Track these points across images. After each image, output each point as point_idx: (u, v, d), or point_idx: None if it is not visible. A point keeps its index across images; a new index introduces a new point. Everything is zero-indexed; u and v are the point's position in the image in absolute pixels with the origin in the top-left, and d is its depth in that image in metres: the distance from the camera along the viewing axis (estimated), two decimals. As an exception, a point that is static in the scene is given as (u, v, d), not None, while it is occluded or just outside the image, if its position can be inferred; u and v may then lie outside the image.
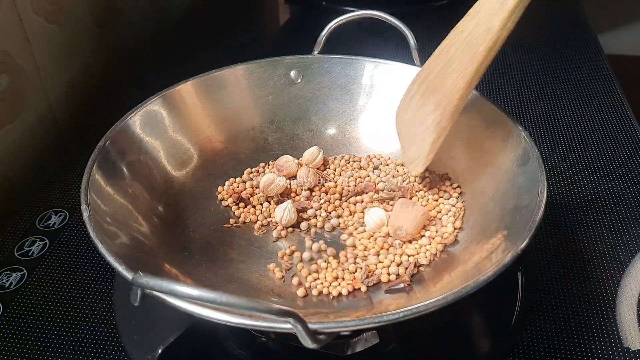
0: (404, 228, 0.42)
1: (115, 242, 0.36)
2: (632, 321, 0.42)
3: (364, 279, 0.40)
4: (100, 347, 0.41)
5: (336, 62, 0.51)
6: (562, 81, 0.70)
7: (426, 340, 0.41)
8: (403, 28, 0.48)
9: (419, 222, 0.42)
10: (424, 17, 0.86)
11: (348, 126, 0.52)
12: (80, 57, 0.67)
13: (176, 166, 0.47)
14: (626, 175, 0.55)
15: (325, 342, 0.28)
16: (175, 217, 0.44)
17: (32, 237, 0.50)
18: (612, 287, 0.45)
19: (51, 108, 0.62)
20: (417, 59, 0.49)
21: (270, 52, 0.54)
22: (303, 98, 0.52)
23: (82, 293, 0.45)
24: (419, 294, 0.38)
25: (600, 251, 0.48)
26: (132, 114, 0.44)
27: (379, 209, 0.44)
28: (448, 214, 0.44)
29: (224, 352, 0.40)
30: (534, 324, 0.42)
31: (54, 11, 0.62)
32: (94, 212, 0.36)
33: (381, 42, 0.75)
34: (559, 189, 0.54)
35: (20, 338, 0.42)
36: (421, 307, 0.30)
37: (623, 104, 0.65)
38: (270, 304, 0.26)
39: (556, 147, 0.59)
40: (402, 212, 0.42)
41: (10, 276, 0.47)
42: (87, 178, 0.38)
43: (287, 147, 0.51)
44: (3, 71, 0.54)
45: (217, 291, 0.25)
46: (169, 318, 0.41)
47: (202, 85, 0.49)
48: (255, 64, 0.51)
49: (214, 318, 0.28)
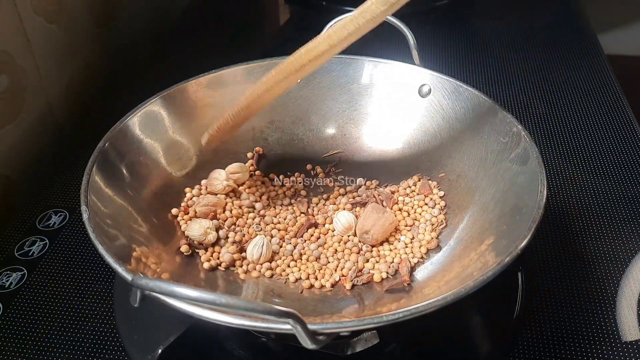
0: (371, 233, 0.42)
1: (115, 244, 0.36)
2: (632, 321, 0.42)
3: (354, 277, 0.40)
4: (100, 347, 0.41)
5: (336, 61, 0.51)
6: (562, 81, 0.70)
7: (426, 340, 0.41)
8: (403, 28, 0.48)
9: (387, 229, 0.43)
10: (424, 17, 0.86)
11: (348, 126, 0.52)
12: (80, 57, 0.67)
13: (176, 167, 0.47)
14: (626, 175, 0.55)
15: (324, 343, 0.28)
16: (175, 218, 0.44)
17: (32, 237, 0.50)
18: (612, 287, 0.45)
19: (51, 108, 0.62)
20: (417, 58, 0.49)
21: (270, 52, 0.54)
22: (303, 98, 0.52)
23: (82, 293, 0.45)
24: (418, 294, 0.38)
25: (600, 251, 0.48)
26: (132, 114, 0.44)
27: (347, 212, 0.45)
28: (426, 223, 0.44)
29: (224, 353, 0.40)
30: (534, 324, 0.42)
31: (54, 11, 0.62)
32: (93, 214, 0.36)
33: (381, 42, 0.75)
34: (559, 189, 0.54)
35: (20, 338, 0.42)
36: (421, 307, 0.30)
37: (623, 104, 0.65)
38: (269, 305, 0.26)
39: (556, 147, 0.59)
40: (371, 217, 0.43)
41: (10, 276, 0.47)
42: (86, 179, 0.38)
43: (287, 147, 0.51)
44: (3, 71, 0.54)
45: (216, 292, 0.25)
46: (169, 318, 0.41)
47: (202, 85, 0.49)
48: (255, 64, 0.51)
49: (214, 319, 0.28)
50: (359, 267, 0.41)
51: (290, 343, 0.38)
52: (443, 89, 0.48)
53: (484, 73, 0.71)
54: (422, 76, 0.49)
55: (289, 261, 0.42)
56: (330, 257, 0.42)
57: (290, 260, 0.42)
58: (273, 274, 0.41)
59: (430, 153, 0.48)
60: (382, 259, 0.42)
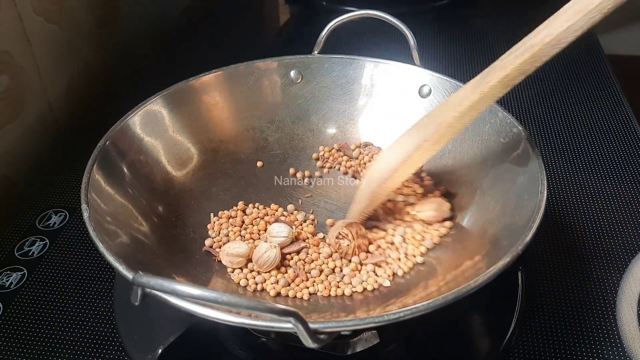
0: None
1: (116, 242, 0.35)
2: (632, 321, 0.42)
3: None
4: (100, 347, 0.41)
5: (336, 62, 0.51)
6: (562, 81, 0.70)
7: (426, 340, 0.41)
8: (403, 28, 0.48)
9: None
10: (424, 17, 0.86)
11: (348, 126, 0.52)
12: (80, 57, 0.67)
13: (176, 166, 0.47)
14: (626, 175, 0.55)
15: (325, 342, 0.28)
16: (175, 217, 0.44)
17: (32, 237, 0.50)
18: (612, 287, 0.45)
19: (51, 108, 0.62)
20: (417, 58, 0.49)
21: (270, 52, 0.54)
22: (303, 98, 0.52)
23: (82, 293, 0.45)
24: (419, 294, 0.38)
25: (600, 251, 0.48)
26: (132, 114, 0.44)
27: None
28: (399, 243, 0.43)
29: (224, 352, 0.40)
30: (534, 324, 0.42)
31: (54, 11, 0.62)
32: (94, 212, 0.36)
33: (381, 42, 0.75)
34: (559, 189, 0.54)
35: (21, 338, 0.42)
36: (421, 307, 0.30)
37: (623, 104, 0.65)
38: (271, 304, 0.26)
39: (556, 147, 0.59)
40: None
41: (10, 276, 0.46)
42: (87, 178, 0.38)
43: (287, 147, 0.51)
44: (3, 71, 0.54)
45: (218, 290, 0.25)
46: (169, 318, 0.41)
47: (202, 85, 0.49)
48: (255, 64, 0.51)
49: (215, 318, 0.28)
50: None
51: (291, 343, 0.38)
52: (443, 89, 0.48)
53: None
54: (423, 77, 0.49)
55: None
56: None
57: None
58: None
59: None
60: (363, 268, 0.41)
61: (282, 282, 0.40)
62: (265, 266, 0.40)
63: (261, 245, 0.41)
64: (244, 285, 0.40)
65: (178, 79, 0.48)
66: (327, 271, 0.41)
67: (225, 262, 0.41)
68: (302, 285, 0.40)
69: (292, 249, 0.42)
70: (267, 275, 0.41)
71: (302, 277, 0.41)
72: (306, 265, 0.42)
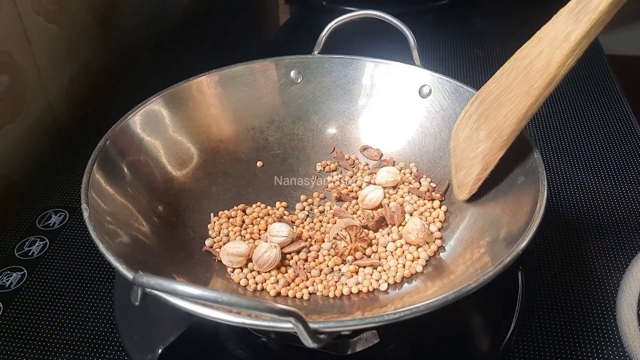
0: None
1: (116, 242, 0.36)
2: (632, 321, 0.42)
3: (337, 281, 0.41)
4: (100, 347, 0.41)
5: (336, 62, 0.51)
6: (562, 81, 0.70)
7: (426, 340, 0.41)
8: (403, 28, 0.48)
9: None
10: (424, 17, 0.86)
11: (348, 126, 0.52)
12: (80, 57, 0.67)
13: (176, 166, 0.47)
14: (626, 175, 0.55)
15: (325, 342, 0.28)
16: (175, 217, 0.44)
17: (32, 237, 0.50)
18: (612, 287, 0.45)
19: (51, 108, 0.62)
20: (417, 58, 0.49)
21: (270, 52, 0.54)
22: (303, 98, 0.52)
23: (82, 293, 0.45)
24: (419, 294, 0.38)
25: (600, 251, 0.48)
26: (133, 113, 0.44)
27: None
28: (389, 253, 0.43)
29: (224, 352, 0.40)
30: (534, 324, 0.42)
31: (54, 11, 0.62)
32: (94, 212, 0.36)
33: (381, 42, 0.75)
34: (559, 189, 0.54)
35: (21, 338, 0.42)
36: (421, 307, 0.30)
37: (623, 104, 0.65)
38: (271, 303, 0.26)
39: (556, 147, 0.59)
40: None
41: (10, 276, 0.46)
42: (87, 177, 0.38)
43: (287, 147, 0.51)
44: (3, 71, 0.54)
45: (218, 290, 0.25)
46: (169, 318, 0.41)
47: (202, 85, 0.49)
48: (255, 64, 0.51)
49: (215, 317, 0.28)
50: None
51: (291, 343, 0.38)
52: (443, 89, 0.48)
53: (484, 74, 0.70)
54: (423, 77, 0.49)
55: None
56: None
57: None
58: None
59: (430, 154, 0.48)
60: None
61: (282, 282, 0.40)
62: (265, 266, 0.40)
63: (261, 245, 0.41)
64: (244, 285, 0.40)
65: (178, 79, 0.48)
66: (327, 270, 0.41)
67: (225, 262, 0.41)
68: (302, 285, 0.40)
69: (292, 248, 0.42)
70: (267, 275, 0.41)
71: (302, 276, 0.41)
72: (306, 264, 0.42)
